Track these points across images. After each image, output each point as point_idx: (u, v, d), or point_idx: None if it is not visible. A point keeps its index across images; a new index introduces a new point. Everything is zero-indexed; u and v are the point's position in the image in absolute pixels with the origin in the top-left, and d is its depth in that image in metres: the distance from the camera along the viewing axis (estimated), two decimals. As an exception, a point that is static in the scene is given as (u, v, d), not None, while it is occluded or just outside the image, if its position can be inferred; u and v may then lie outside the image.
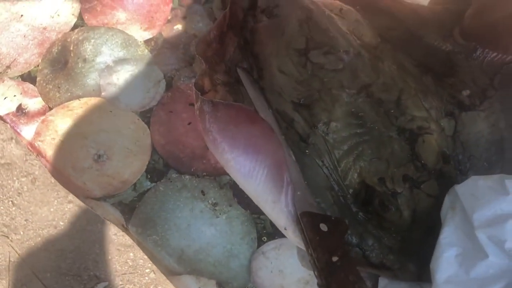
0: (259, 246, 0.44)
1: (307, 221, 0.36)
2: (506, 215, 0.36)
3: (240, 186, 0.39)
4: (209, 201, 0.45)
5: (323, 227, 0.35)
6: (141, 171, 0.45)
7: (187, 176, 0.46)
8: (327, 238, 0.35)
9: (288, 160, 0.40)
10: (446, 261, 0.36)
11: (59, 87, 0.49)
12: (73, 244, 1.12)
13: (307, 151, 0.42)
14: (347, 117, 0.42)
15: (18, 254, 1.07)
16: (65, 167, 0.45)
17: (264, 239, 0.44)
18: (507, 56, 0.45)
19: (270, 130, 0.39)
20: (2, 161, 0.98)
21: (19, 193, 1.14)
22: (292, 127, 0.43)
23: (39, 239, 1.14)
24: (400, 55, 0.45)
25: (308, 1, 0.49)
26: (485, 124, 0.43)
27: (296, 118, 0.43)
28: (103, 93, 0.49)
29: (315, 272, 0.34)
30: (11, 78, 0.49)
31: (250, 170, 0.37)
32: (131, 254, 0.90)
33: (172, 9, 0.54)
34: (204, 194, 0.45)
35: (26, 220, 1.14)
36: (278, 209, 0.37)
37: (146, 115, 0.48)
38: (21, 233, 1.12)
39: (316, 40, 0.45)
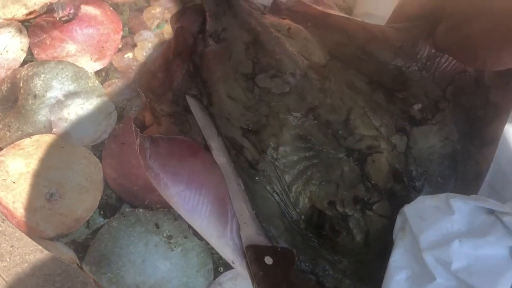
0: (215, 277, 0.43)
1: (252, 255, 0.35)
2: (451, 236, 0.36)
3: (187, 221, 0.39)
4: (164, 234, 0.44)
5: (268, 260, 0.35)
6: (94, 207, 0.45)
7: (140, 210, 0.45)
8: (272, 271, 0.35)
9: (235, 191, 0.40)
10: (396, 285, 0.36)
11: (9, 126, 0.48)
12: (60, 268, 1.12)
13: (257, 178, 0.42)
14: (295, 141, 0.42)
15: (6, 282, 1.07)
16: (16, 208, 0.45)
17: (220, 269, 0.44)
18: (458, 66, 0.44)
19: (213, 163, 0.39)
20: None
21: (3, 219, 1.14)
22: (242, 154, 0.42)
23: (26, 264, 1.13)
24: (350, 73, 0.45)
25: (255, 23, 0.48)
26: (437, 138, 0.43)
27: (245, 145, 0.43)
28: (54, 129, 0.48)
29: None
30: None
31: (193, 206, 0.37)
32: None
33: (123, 37, 0.53)
34: (158, 227, 0.45)
35: (11, 246, 1.14)
36: (224, 244, 0.36)
37: (98, 149, 0.48)
38: (8, 259, 1.12)
39: (262, 64, 0.45)
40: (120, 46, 0.54)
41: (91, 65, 0.53)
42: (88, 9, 0.55)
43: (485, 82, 0.44)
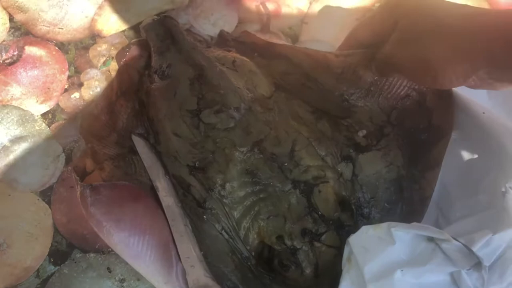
0: (170, 318, 0.43)
1: (197, 300, 0.35)
2: (394, 265, 0.36)
3: (133, 267, 0.38)
4: (116, 278, 0.44)
5: (215, 302, 0.35)
6: (44, 255, 0.44)
7: (92, 254, 0.45)
8: (218, 315, 0.35)
9: (182, 233, 0.39)
10: (344, 318, 0.36)
11: (-47, 176, 0.47)
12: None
13: (205, 216, 0.42)
14: (242, 177, 0.42)
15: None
16: (-37, 262, 0.44)
17: (175, 310, 0.43)
18: (401, 91, 0.45)
19: (156, 207, 0.39)
20: None
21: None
22: (189, 192, 0.43)
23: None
24: (295, 103, 0.46)
25: (199, 57, 0.49)
26: (382, 164, 0.44)
27: (193, 183, 0.43)
28: (0, 177, 0.47)
29: None
30: None
31: (138, 252, 0.37)
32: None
33: (69, 77, 0.53)
34: (110, 271, 0.44)
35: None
36: (170, 289, 0.36)
37: (47, 194, 0.47)
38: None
39: (207, 99, 0.45)
40: (66, 86, 0.53)
41: (37, 108, 0.52)
42: (32, 50, 0.55)
43: (428, 106, 0.45)
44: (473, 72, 0.34)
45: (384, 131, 0.46)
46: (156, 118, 0.47)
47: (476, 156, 0.45)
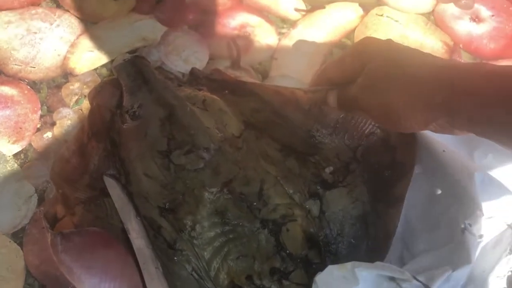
0: None
1: None
2: (357, 306, 0.37)
3: (104, 312, 0.39)
4: (89, 320, 0.44)
5: None
6: (15, 299, 0.44)
7: (64, 297, 0.45)
8: None
9: (153, 276, 0.40)
10: None
11: None
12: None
13: (175, 258, 0.42)
14: (211, 217, 0.43)
15: None
16: None
17: None
18: (366, 128, 0.46)
19: (127, 253, 0.40)
20: None
21: None
22: (160, 234, 0.43)
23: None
24: (263, 141, 0.47)
25: (171, 96, 0.50)
26: (348, 200, 0.45)
27: (163, 224, 0.43)
28: None
29: None
30: None
31: (108, 299, 0.37)
32: None
33: (41, 116, 0.54)
34: (82, 314, 0.44)
35: None
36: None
37: (19, 236, 0.48)
38: None
39: (177, 140, 0.46)
40: (38, 125, 0.54)
41: (9, 148, 0.53)
42: (4, 90, 0.55)
43: (392, 143, 0.47)
44: (433, 120, 0.36)
45: (350, 167, 0.48)
46: (128, 159, 0.48)
47: (437, 191, 0.47)
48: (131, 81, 0.52)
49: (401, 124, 0.38)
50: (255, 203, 0.45)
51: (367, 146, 0.48)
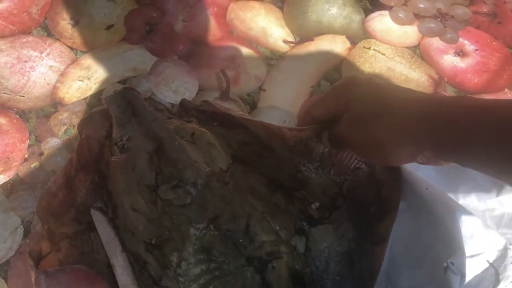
0: None
1: None
2: None
3: None
4: None
5: None
6: (-2, 335, 0.44)
7: (47, 332, 0.44)
8: None
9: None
10: None
11: None
12: None
13: (160, 295, 0.42)
14: (197, 254, 0.43)
15: None
16: None
17: None
18: (352, 163, 0.47)
19: (110, 290, 0.39)
20: None
21: None
22: (145, 270, 0.43)
23: None
24: (251, 176, 0.47)
25: (160, 129, 0.50)
26: (334, 237, 0.46)
27: (149, 260, 0.43)
28: None
29: None
30: None
31: (91, 338, 0.37)
32: None
33: (29, 146, 0.54)
34: None
35: None
36: None
37: (3, 268, 0.48)
38: None
39: (165, 174, 0.46)
40: (26, 155, 0.54)
41: None
42: (-8, 119, 0.55)
43: (377, 178, 0.48)
44: (419, 153, 0.37)
45: (336, 203, 0.48)
46: (115, 192, 0.48)
47: (421, 228, 0.47)
48: (121, 112, 0.52)
49: (388, 158, 0.39)
50: (241, 240, 0.45)
51: (353, 181, 0.48)
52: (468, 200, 0.45)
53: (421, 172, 0.46)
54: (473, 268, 0.43)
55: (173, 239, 0.45)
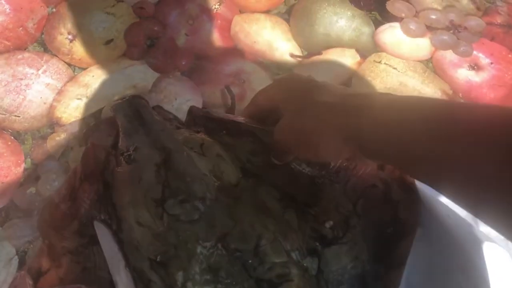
0: None
1: None
2: None
3: None
4: None
5: None
6: None
7: None
8: None
9: None
10: None
11: None
12: None
13: (164, 317, 0.39)
14: (203, 274, 0.42)
15: None
16: None
17: None
18: (367, 179, 0.44)
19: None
20: None
21: None
22: None
23: None
24: (262, 190, 0.46)
25: (168, 140, 0.47)
26: (348, 258, 0.44)
27: (153, 278, 0.42)
28: None
29: None
30: None
31: None
32: None
33: (25, 169, 0.50)
34: None
35: None
36: None
37: None
38: None
39: (172, 188, 0.44)
40: (21, 180, 0.50)
41: None
42: (-14, 141, 0.52)
43: (393, 197, 0.46)
44: (345, 146, 0.38)
45: (350, 222, 0.47)
46: (120, 204, 0.45)
47: (441, 258, 0.44)
48: (128, 122, 0.51)
49: (319, 152, 0.41)
50: (250, 261, 0.44)
51: (368, 199, 0.47)
52: (496, 233, 0.41)
53: (443, 199, 0.43)
54: (498, 304, 0.40)
55: (179, 257, 0.43)
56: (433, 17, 0.65)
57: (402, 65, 0.63)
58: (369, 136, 0.36)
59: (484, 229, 0.44)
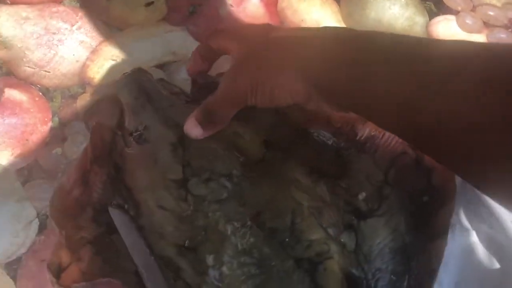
0: None
1: None
2: None
3: None
4: None
5: None
6: None
7: None
8: None
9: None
10: None
11: None
12: None
13: (199, 306, 0.36)
14: (239, 257, 0.40)
15: None
16: None
17: None
18: (397, 147, 0.43)
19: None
20: None
21: None
22: (180, 277, 0.39)
23: None
24: (290, 164, 0.43)
25: (180, 115, 0.44)
26: (386, 231, 0.43)
27: (183, 265, 0.39)
28: None
29: None
30: None
31: None
32: None
33: (52, 128, 0.47)
34: None
35: None
36: None
37: (13, 267, 0.42)
38: None
39: (193, 167, 0.42)
40: (47, 139, 0.47)
41: (11, 161, 0.47)
42: (12, 94, 0.49)
43: (425, 164, 0.43)
44: (302, 88, 0.36)
45: (383, 193, 0.44)
46: (136, 188, 0.42)
47: (495, 265, 0.41)
48: (133, 99, 0.46)
49: (274, 96, 0.37)
50: (287, 239, 0.41)
51: (399, 167, 0.44)
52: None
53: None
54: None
55: (210, 240, 0.41)
56: (491, 13, 0.62)
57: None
58: (323, 72, 0.34)
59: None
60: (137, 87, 0.46)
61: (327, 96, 0.36)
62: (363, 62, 0.33)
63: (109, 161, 0.44)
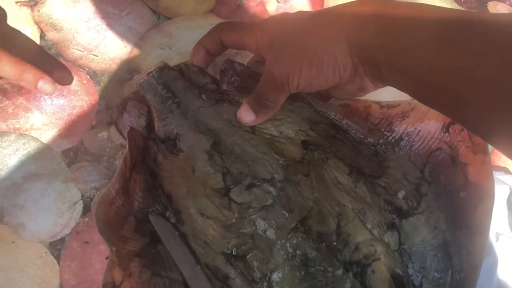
0: None
1: None
2: None
3: None
4: None
5: None
6: (45, 321, 0.37)
7: (101, 327, 0.38)
8: None
9: None
10: None
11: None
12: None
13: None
14: (288, 263, 0.39)
15: None
16: None
17: None
18: (432, 143, 0.43)
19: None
20: None
21: None
22: (229, 286, 0.36)
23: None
24: (330, 164, 0.43)
25: (210, 119, 0.43)
26: (427, 229, 0.43)
27: (231, 274, 0.38)
28: (6, 218, 0.41)
29: None
30: None
31: None
32: None
33: (98, 112, 0.47)
34: None
35: None
36: None
37: (57, 247, 0.42)
38: None
39: (233, 174, 0.41)
40: (94, 122, 0.48)
41: (58, 143, 0.46)
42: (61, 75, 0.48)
43: (461, 160, 0.43)
44: (347, 62, 0.36)
45: (421, 190, 0.44)
46: (176, 196, 0.41)
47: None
48: (160, 102, 0.44)
49: (322, 73, 0.36)
50: (334, 243, 0.41)
51: (435, 163, 0.44)
52: None
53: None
54: None
55: (258, 248, 0.40)
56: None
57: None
58: (375, 48, 0.33)
59: None
60: (162, 87, 0.43)
61: (371, 65, 0.35)
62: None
63: (145, 168, 0.43)
